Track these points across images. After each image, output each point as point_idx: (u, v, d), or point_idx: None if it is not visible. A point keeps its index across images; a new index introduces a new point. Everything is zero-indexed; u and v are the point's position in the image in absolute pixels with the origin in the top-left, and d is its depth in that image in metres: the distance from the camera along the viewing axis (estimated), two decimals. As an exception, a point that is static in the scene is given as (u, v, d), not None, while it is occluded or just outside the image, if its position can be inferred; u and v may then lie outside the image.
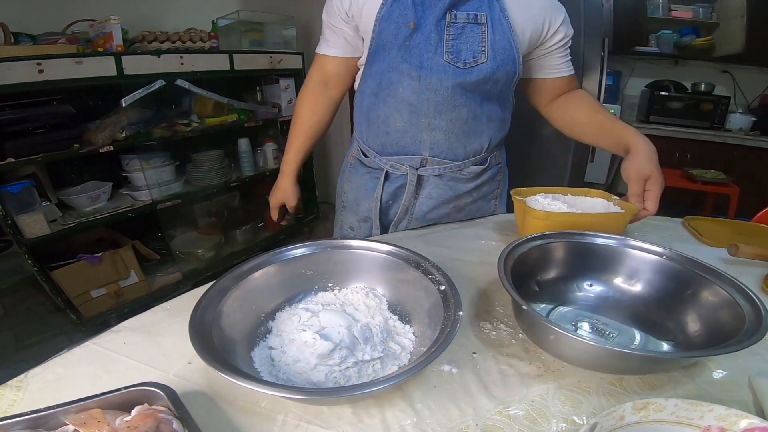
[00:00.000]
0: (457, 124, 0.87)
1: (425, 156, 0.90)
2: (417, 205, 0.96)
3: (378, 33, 0.82)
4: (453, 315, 0.49)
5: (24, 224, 1.65)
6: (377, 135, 0.92)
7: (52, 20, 1.85)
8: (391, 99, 0.86)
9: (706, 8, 3.17)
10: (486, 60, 0.81)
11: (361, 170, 1.01)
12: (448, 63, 0.81)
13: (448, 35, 0.80)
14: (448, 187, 0.95)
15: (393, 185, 0.96)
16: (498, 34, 0.81)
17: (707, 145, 3.10)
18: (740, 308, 0.52)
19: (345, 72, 0.97)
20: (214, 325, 0.51)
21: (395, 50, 0.82)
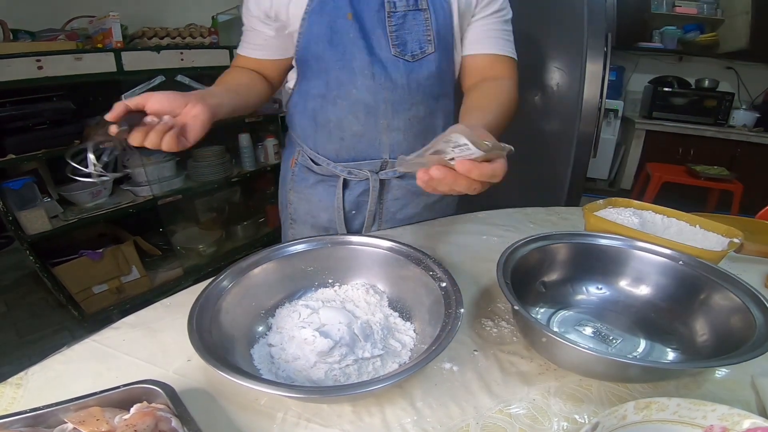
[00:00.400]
0: (415, 122, 0.82)
1: (385, 159, 0.85)
2: (384, 209, 0.92)
3: (308, 27, 0.75)
4: (454, 312, 0.49)
5: (25, 220, 1.65)
6: (329, 140, 0.85)
7: (51, 17, 1.84)
8: (342, 101, 0.79)
9: (711, 4, 3.15)
10: (433, 50, 0.76)
11: (310, 179, 0.92)
12: (396, 57, 0.75)
13: (390, 26, 0.74)
14: (413, 186, 0.90)
15: (354, 192, 0.89)
16: (441, 19, 0.75)
17: (711, 142, 3.09)
18: (751, 315, 0.50)
19: (276, 73, 0.88)
20: (214, 321, 0.50)
21: (337, 45, 0.75)
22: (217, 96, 0.70)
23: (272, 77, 0.89)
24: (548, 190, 1.94)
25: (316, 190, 0.91)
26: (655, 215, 0.76)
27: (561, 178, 1.86)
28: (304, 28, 0.75)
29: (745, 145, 3.02)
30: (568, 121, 1.76)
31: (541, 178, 1.96)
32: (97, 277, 1.90)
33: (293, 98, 0.88)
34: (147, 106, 0.59)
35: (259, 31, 0.81)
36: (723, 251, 0.63)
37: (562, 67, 1.73)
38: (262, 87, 0.87)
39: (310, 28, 0.75)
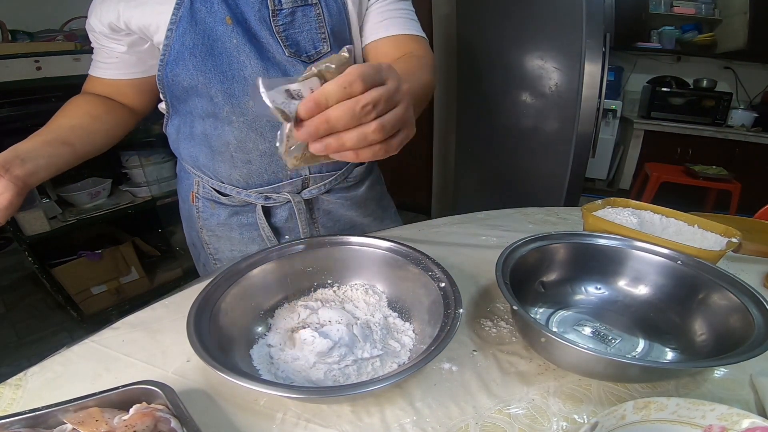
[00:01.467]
0: None
1: (306, 175, 0.76)
2: (320, 227, 0.84)
3: (179, 36, 0.64)
4: (453, 312, 0.49)
5: (24, 221, 1.65)
6: (233, 166, 0.74)
7: (49, 17, 1.84)
8: (239, 117, 0.69)
9: (709, 4, 3.16)
10: (329, 49, 0.69)
11: (221, 214, 0.80)
12: (292, 58, 0.67)
13: (277, 26, 0.66)
14: (343, 199, 0.83)
15: (278, 218, 0.80)
16: (335, 15, 0.68)
17: (709, 141, 3.09)
18: (750, 315, 0.50)
19: (136, 94, 0.75)
20: (213, 322, 0.50)
21: (220, 55, 0.65)
22: (29, 158, 0.57)
23: (132, 101, 0.76)
24: (547, 190, 1.94)
25: (233, 225, 0.81)
26: (653, 215, 0.76)
27: (560, 178, 1.86)
28: (171, 39, 0.64)
29: (744, 145, 3.02)
30: (567, 122, 1.77)
31: (539, 178, 1.97)
32: (96, 277, 1.90)
33: (173, 122, 0.76)
34: None
35: (108, 47, 0.69)
36: (721, 251, 0.63)
37: (560, 68, 1.73)
38: (114, 117, 0.73)
39: (181, 38, 0.64)
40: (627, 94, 3.56)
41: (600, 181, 3.67)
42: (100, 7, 0.66)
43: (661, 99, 3.19)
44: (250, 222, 0.80)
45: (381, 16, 0.72)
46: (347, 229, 0.86)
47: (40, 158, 0.59)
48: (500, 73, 1.92)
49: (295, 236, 0.82)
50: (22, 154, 0.57)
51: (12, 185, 0.53)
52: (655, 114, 3.23)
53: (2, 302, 2.10)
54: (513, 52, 1.84)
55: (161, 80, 0.69)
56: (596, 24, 1.61)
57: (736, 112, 3.10)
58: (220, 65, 0.65)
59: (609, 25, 2.90)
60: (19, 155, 0.57)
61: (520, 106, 1.89)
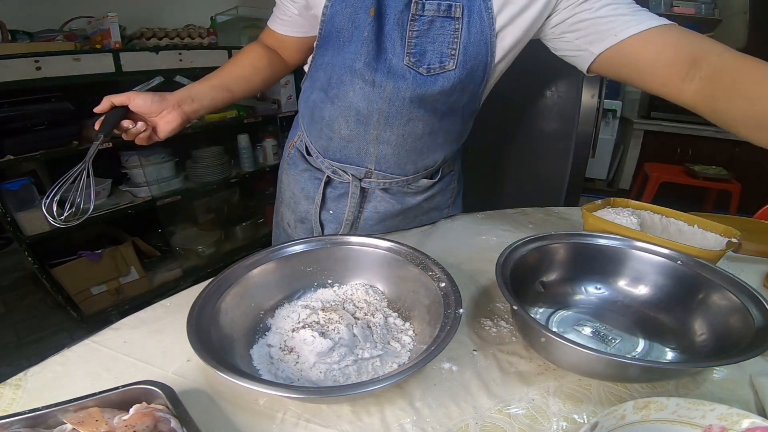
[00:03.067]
0: (410, 140, 0.76)
1: (370, 168, 0.81)
2: (362, 219, 0.89)
3: (330, 17, 0.69)
4: (453, 312, 0.49)
5: (24, 221, 1.65)
6: (320, 136, 0.83)
7: (49, 17, 1.84)
8: (339, 101, 0.75)
9: (708, 4, 3.16)
10: (454, 67, 0.67)
11: (300, 165, 0.91)
12: (409, 67, 0.67)
13: (412, 31, 0.66)
14: (396, 201, 0.87)
15: (335, 192, 0.87)
16: (474, 34, 0.65)
17: (709, 142, 3.09)
18: (750, 315, 0.50)
19: (296, 50, 0.86)
20: (213, 322, 0.50)
21: (350, 42, 0.69)
22: (197, 99, 0.75)
23: (291, 55, 0.88)
24: (547, 190, 1.94)
25: (303, 178, 0.91)
26: (653, 215, 0.76)
27: (560, 178, 1.86)
28: (326, 16, 0.70)
29: (744, 145, 3.02)
30: (567, 122, 1.77)
31: (539, 178, 1.96)
32: (95, 278, 1.90)
33: (306, 83, 0.85)
34: (130, 104, 0.68)
35: (285, 5, 0.79)
36: (721, 251, 0.64)
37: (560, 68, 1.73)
38: (271, 70, 0.86)
39: (332, 18, 0.69)
40: (627, 94, 3.56)
41: (600, 181, 3.67)
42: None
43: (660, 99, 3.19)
44: (315, 184, 0.89)
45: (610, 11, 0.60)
46: (385, 230, 0.89)
47: (204, 100, 0.77)
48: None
49: (339, 215, 0.88)
50: (193, 95, 0.75)
51: (180, 117, 0.73)
52: (655, 114, 3.23)
53: (2, 302, 2.10)
54: (513, 52, 1.84)
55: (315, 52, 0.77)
56: (596, 24, 1.60)
57: (736, 112, 3.10)
58: (345, 52, 0.70)
59: (609, 25, 2.90)
60: (191, 95, 0.75)
61: (520, 106, 1.89)
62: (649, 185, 2.77)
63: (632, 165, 3.41)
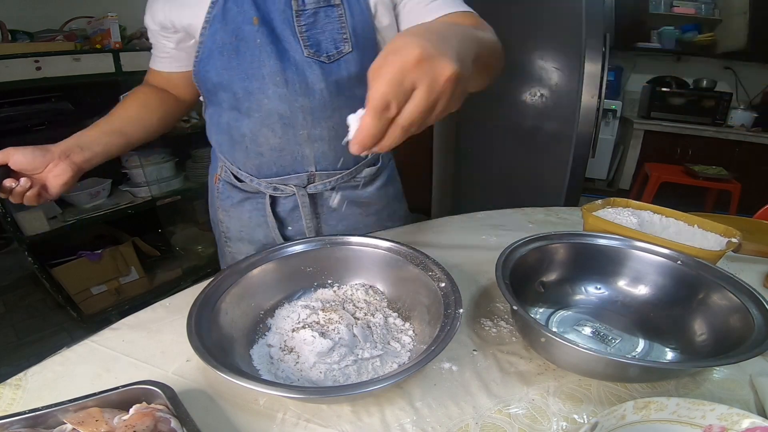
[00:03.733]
0: (341, 130, 0.74)
1: (312, 172, 0.78)
2: (322, 223, 0.86)
3: (211, 35, 0.68)
4: (453, 312, 0.49)
5: (24, 221, 1.64)
6: (247, 157, 0.78)
7: (49, 17, 1.83)
8: (255, 112, 0.72)
9: (709, 4, 3.16)
10: (351, 49, 0.69)
11: (235, 197, 0.86)
12: (311, 58, 0.68)
13: (300, 25, 0.68)
14: (348, 197, 0.85)
15: (284, 208, 0.83)
16: (357, 16, 0.69)
17: (709, 141, 3.09)
18: (750, 315, 0.50)
19: (184, 85, 0.82)
20: (213, 322, 0.50)
21: (240, 54, 0.68)
22: (88, 147, 0.69)
23: (181, 92, 0.83)
24: (547, 190, 1.94)
25: (244, 208, 0.86)
26: (653, 215, 0.76)
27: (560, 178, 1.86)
28: (205, 38, 0.69)
29: (744, 145, 3.02)
30: (567, 122, 1.77)
31: (539, 178, 1.96)
32: (95, 278, 1.90)
33: (207, 111, 0.82)
34: (9, 161, 0.62)
35: (161, 43, 0.76)
36: (721, 251, 0.64)
37: (560, 68, 1.73)
38: (165, 108, 0.82)
39: (212, 37, 0.68)
40: (627, 94, 3.56)
41: (600, 181, 3.67)
42: (153, 7, 0.72)
43: (661, 99, 3.19)
44: (259, 208, 0.84)
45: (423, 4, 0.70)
46: (351, 228, 0.87)
47: (96, 146, 0.70)
48: (500, 73, 1.92)
49: (299, 229, 0.84)
50: (81, 143, 0.69)
51: (69, 169, 0.66)
52: (655, 114, 3.23)
53: (2, 302, 2.10)
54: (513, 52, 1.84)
55: (196, 75, 0.74)
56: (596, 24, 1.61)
57: (735, 112, 3.10)
58: (242, 63, 0.69)
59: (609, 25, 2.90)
60: (80, 143, 0.69)
61: (520, 106, 1.89)
62: (649, 185, 2.77)
63: (632, 165, 3.41)
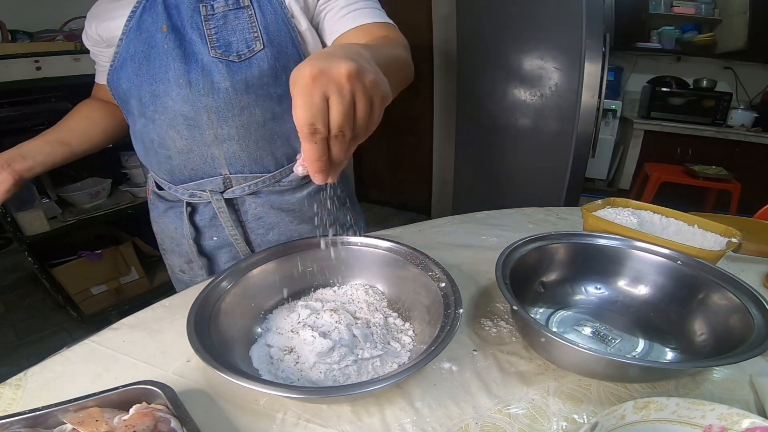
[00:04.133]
0: (253, 129, 0.73)
1: (226, 174, 0.75)
2: (250, 233, 0.81)
3: (126, 45, 0.70)
4: (453, 312, 0.49)
5: (24, 221, 1.65)
6: (159, 161, 0.77)
7: (49, 17, 1.84)
8: (160, 115, 0.71)
9: (709, 4, 3.15)
10: (263, 47, 0.69)
11: (160, 206, 0.84)
12: (218, 58, 0.68)
13: (209, 29, 0.68)
14: (273, 203, 0.80)
15: (204, 216, 0.80)
16: (269, 15, 0.70)
17: (709, 141, 3.09)
18: (750, 315, 0.50)
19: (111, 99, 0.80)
20: (213, 322, 0.50)
21: (150, 60, 0.69)
22: (30, 156, 0.73)
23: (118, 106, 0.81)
24: (547, 190, 1.94)
25: (168, 218, 0.83)
26: (653, 215, 0.76)
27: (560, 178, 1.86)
28: (120, 48, 0.70)
29: (744, 145, 3.02)
30: (567, 122, 1.77)
31: (539, 178, 1.97)
32: (95, 278, 1.90)
33: (128, 119, 0.80)
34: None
35: (99, 56, 0.79)
36: (721, 251, 0.64)
37: (560, 68, 1.73)
38: (110, 120, 0.84)
39: (127, 47, 0.70)
40: (627, 94, 3.56)
41: (600, 181, 3.66)
42: (87, 23, 0.75)
43: (661, 99, 3.19)
44: (179, 219, 0.81)
45: (344, 10, 0.71)
46: (284, 237, 0.81)
47: (38, 155, 0.74)
48: (500, 73, 1.92)
49: (222, 238, 0.80)
50: (23, 152, 0.73)
51: (11, 177, 0.70)
52: (655, 114, 3.23)
53: (2, 302, 2.10)
54: (513, 52, 1.84)
55: (109, 84, 0.75)
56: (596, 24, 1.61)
57: (736, 112, 3.10)
58: (151, 69, 0.69)
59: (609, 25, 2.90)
60: (21, 153, 0.72)
61: (520, 106, 1.89)
62: (649, 185, 2.77)
63: (632, 165, 3.41)
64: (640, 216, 0.74)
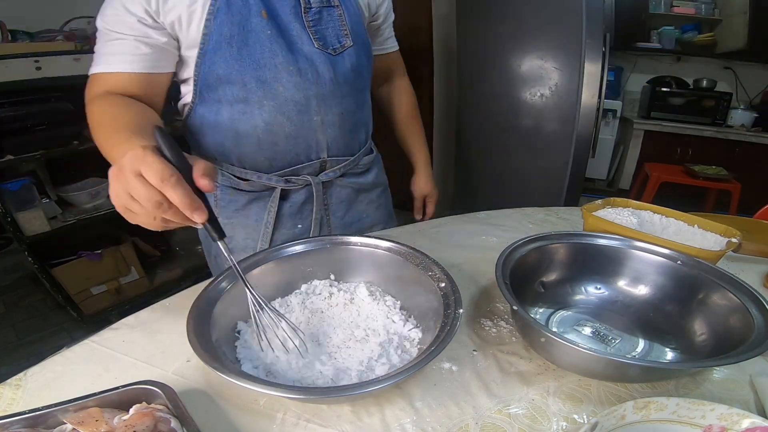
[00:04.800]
0: (348, 117, 0.80)
1: (324, 158, 0.80)
2: (331, 214, 0.88)
3: (217, 27, 0.66)
4: (453, 312, 0.49)
5: (24, 221, 1.65)
6: (259, 149, 0.76)
7: (49, 17, 1.84)
8: (269, 101, 0.72)
9: (708, 4, 3.15)
10: (352, 43, 0.77)
11: (241, 199, 0.82)
12: (320, 50, 0.73)
13: (308, 21, 0.72)
14: (354, 185, 0.89)
15: (295, 202, 0.82)
16: (353, 16, 0.77)
17: (709, 141, 3.09)
18: (750, 315, 0.50)
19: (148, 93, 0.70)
20: (213, 322, 0.50)
21: (249, 45, 0.68)
22: None
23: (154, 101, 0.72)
24: (547, 190, 1.94)
25: (251, 210, 0.83)
26: (653, 215, 0.76)
27: (560, 178, 1.86)
28: (210, 30, 0.66)
29: (743, 145, 3.02)
30: (567, 122, 1.77)
31: (539, 178, 1.97)
32: (95, 278, 1.90)
33: (197, 112, 0.75)
34: None
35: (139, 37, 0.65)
36: (721, 251, 0.64)
37: (560, 68, 1.73)
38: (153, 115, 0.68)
39: (219, 30, 0.66)
40: (627, 94, 3.56)
41: (600, 181, 3.66)
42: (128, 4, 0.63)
43: (661, 99, 3.19)
44: (262, 208, 0.83)
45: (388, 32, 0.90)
46: (356, 218, 0.92)
47: None
48: (500, 73, 1.92)
49: (308, 224, 0.85)
50: None
51: None
52: (655, 114, 3.23)
53: (2, 302, 2.10)
54: (513, 52, 1.84)
55: (198, 69, 0.70)
56: (596, 24, 1.61)
57: (736, 112, 3.10)
58: (253, 54, 0.69)
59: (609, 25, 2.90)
60: None
61: (520, 106, 1.89)
62: (649, 185, 2.77)
63: (632, 165, 3.41)
64: (640, 216, 0.74)
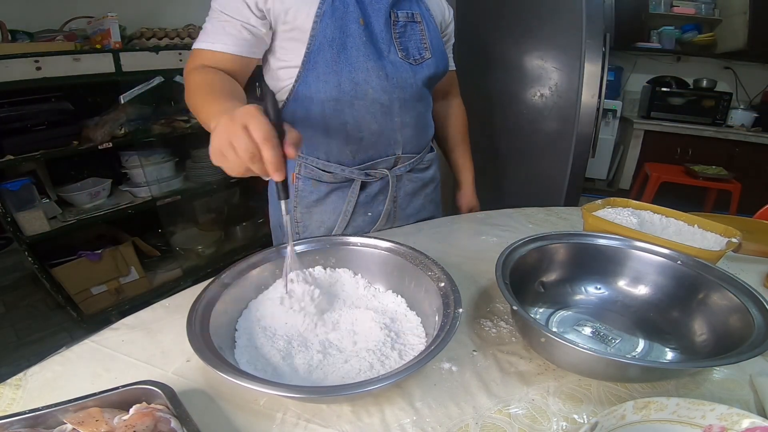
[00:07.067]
0: (420, 118, 0.90)
1: (398, 155, 0.89)
2: (398, 206, 0.95)
3: (322, 30, 0.74)
4: (453, 312, 0.49)
5: (24, 221, 1.64)
6: (347, 142, 0.84)
7: (49, 17, 1.83)
8: (360, 100, 0.80)
9: (708, 4, 3.16)
10: (430, 56, 0.86)
11: (323, 189, 0.89)
12: (403, 60, 0.83)
13: (395, 33, 0.82)
14: (418, 180, 0.97)
15: (369, 194, 0.91)
16: (432, 31, 0.87)
17: (709, 141, 3.09)
18: (750, 315, 0.50)
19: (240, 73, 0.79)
20: (213, 322, 0.50)
21: (347, 49, 0.76)
22: None
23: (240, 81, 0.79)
24: (547, 190, 1.94)
25: (330, 200, 0.89)
26: (653, 215, 0.76)
27: (560, 178, 1.86)
28: (316, 31, 0.75)
29: (743, 145, 3.02)
30: (567, 122, 1.76)
31: (539, 178, 1.96)
32: (95, 278, 1.90)
33: (289, 106, 0.82)
34: None
35: (245, 23, 0.73)
36: (721, 251, 0.64)
37: (560, 68, 1.73)
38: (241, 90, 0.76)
39: (324, 32, 0.75)
40: (627, 94, 3.56)
41: (600, 181, 3.66)
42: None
43: (661, 99, 3.19)
44: (341, 198, 0.90)
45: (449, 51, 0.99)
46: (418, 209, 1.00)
47: None
48: (500, 73, 1.92)
49: (377, 212, 0.93)
50: None
51: None
52: (655, 114, 3.23)
53: (2, 302, 2.10)
54: (513, 52, 1.84)
55: (304, 66, 0.78)
56: (596, 24, 1.61)
57: (735, 112, 3.10)
58: (349, 57, 0.78)
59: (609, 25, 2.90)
60: None
61: (520, 106, 1.89)
62: (649, 185, 2.77)
63: (632, 165, 3.41)
64: (640, 216, 0.74)
